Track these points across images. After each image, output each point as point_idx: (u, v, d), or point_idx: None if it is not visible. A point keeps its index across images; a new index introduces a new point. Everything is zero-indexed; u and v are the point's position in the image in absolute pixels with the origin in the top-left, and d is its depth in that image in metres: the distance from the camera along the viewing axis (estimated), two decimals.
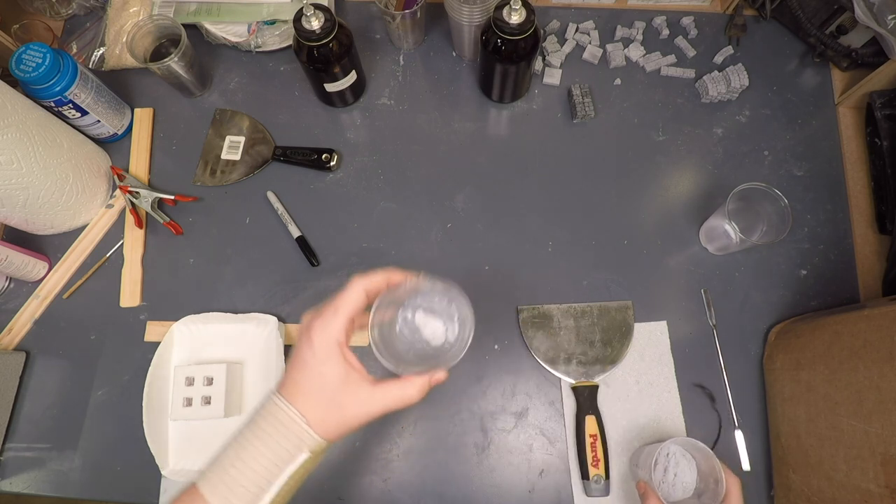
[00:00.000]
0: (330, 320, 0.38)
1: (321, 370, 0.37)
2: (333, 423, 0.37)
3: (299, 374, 0.38)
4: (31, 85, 0.61)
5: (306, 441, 0.36)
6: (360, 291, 0.39)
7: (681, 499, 0.56)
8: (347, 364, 0.38)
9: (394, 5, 0.71)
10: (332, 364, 0.37)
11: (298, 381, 0.38)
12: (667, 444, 0.54)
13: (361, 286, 0.40)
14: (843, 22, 0.70)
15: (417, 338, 0.43)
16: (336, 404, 0.37)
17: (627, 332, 0.64)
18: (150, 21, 0.69)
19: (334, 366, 0.37)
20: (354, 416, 0.38)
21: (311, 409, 0.37)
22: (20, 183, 0.59)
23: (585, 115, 0.72)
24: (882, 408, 0.45)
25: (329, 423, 0.37)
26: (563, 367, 0.63)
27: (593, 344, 0.64)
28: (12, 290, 0.68)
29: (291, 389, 0.38)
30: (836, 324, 0.54)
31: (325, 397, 0.37)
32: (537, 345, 0.64)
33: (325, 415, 0.37)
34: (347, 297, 0.39)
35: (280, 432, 0.36)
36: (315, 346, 0.37)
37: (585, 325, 0.65)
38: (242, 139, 0.73)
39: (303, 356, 0.38)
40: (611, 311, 0.65)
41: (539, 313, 0.65)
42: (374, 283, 0.40)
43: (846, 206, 0.70)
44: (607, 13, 0.79)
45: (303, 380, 0.37)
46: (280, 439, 0.36)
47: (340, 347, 0.38)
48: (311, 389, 0.37)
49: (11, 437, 0.63)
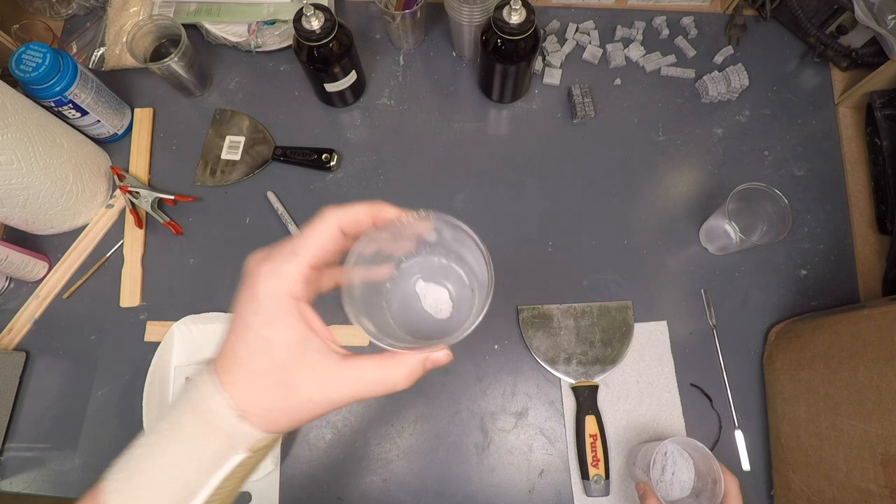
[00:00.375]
0: (283, 265, 0.27)
1: (266, 335, 0.26)
2: (281, 411, 0.27)
3: (237, 341, 0.27)
4: (31, 85, 0.61)
5: (240, 439, 0.26)
6: (331, 228, 0.28)
7: (678, 498, 0.56)
8: (306, 327, 0.27)
9: (394, 5, 0.71)
10: (284, 327, 0.26)
11: (236, 350, 0.27)
12: (665, 444, 0.54)
13: (335, 220, 0.29)
14: (843, 22, 0.70)
15: (415, 307, 0.32)
16: (286, 384, 0.26)
17: (627, 332, 0.64)
18: (150, 21, 0.69)
19: (286, 329, 0.26)
20: (312, 401, 0.27)
21: (250, 393, 0.26)
22: (20, 183, 0.59)
23: (585, 115, 0.72)
24: (882, 408, 0.45)
25: (275, 412, 0.26)
26: (563, 367, 0.63)
27: (593, 344, 0.64)
28: (12, 290, 0.68)
29: (226, 363, 0.27)
30: (836, 324, 0.54)
31: (270, 374, 0.26)
32: (537, 345, 0.64)
33: (268, 399, 0.26)
34: (312, 235, 0.28)
35: (203, 431, 0.26)
36: (260, 299, 0.26)
37: (585, 325, 0.65)
38: (242, 139, 0.73)
39: (242, 314, 0.27)
40: (611, 310, 0.65)
41: (539, 313, 0.65)
42: (353, 218, 0.29)
43: (846, 206, 0.70)
44: (607, 13, 0.79)
45: (241, 349, 0.27)
46: (204, 441, 0.26)
47: (297, 303, 0.27)
48: (252, 363, 0.26)
49: (11, 437, 0.63)
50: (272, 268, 0.27)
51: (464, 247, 0.31)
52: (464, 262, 0.33)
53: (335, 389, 0.27)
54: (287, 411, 0.27)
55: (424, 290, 0.33)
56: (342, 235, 0.29)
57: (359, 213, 0.29)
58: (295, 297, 0.27)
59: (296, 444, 0.62)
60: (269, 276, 0.27)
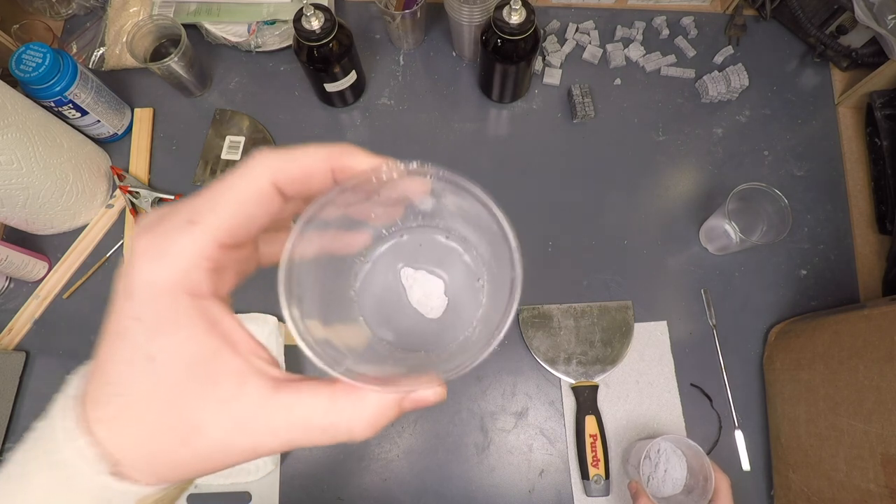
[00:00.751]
0: (174, 240, 0.17)
1: (150, 350, 0.17)
2: (175, 462, 0.18)
3: (108, 358, 0.18)
4: (31, 85, 0.61)
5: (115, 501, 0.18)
6: (260, 185, 0.18)
7: (670, 494, 0.56)
8: (215, 338, 0.18)
9: (394, 5, 0.71)
10: (177, 338, 0.17)
11: (107, 371, 0.18)
12: (658, 441, 0.55)
13: (267, 173, 0.18)
14: (843, 22, 0.70)
15: (398, 301, 0.22)
16: (183, 423, 0.17)
17: (627, 332, 0.64)
18: (150, 21, 0.69)
19: (181, 342, 0.17)
20: (224, 449, 0.18)
21: (128, 435, 0.18)
22: (20, 183, 0.59)
23: (585, 115, 0.72)
24: (882, 408, 0.45)
25: (166, 462, 0.18)
26: (563, 367, 0.63)
27: (593, 344, 0.64)
28: (12, 290, 0.68)
29: (95, 391, 0.18)
30: (836, 324, 0.54)
31: (158, 408, 0.17)
32: (537, 345, 0.64)
33: (156, 443, 0.18)
34: (228, 195, 0.18)
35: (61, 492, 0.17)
36: (135, 296, 0.17)
37: (585, 325, 0.65)
38: (242, 139, 0.73)
39: (118, 318, 0.18)
40: (611, 310, 0.65)
41: (539, 313, 0.65)
42: (300, 171, 0.19)
43: (846, 206, 0.70)
44: (607, 13, 0.79)
45: (114, 369, 0.18)
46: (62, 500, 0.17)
47: (197, 302, 0.18)
48: (131, 390, 0.17)
49: (11, 437, 0.63)
50: (155, 244, 0.17)
51: (471, 222, 0.21)
52: (468, 242, 0.23)
53: (259, 434, 0.18)
54: (184, 461, 0.18)
55: (412, 279, 0.23)
56: (280, 196, 0.19)
57: (309, 163, 0.19)
58: (193, 292, 0.17)
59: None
60: (151, 257, 0.17)
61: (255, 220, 0.19)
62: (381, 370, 0.20)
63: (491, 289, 0.22)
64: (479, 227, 0.21)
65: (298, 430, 0.18)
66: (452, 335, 0.22)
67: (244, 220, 0.18)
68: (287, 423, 0.18)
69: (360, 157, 0.20)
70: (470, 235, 0.23)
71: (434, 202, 0.22)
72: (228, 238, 0.18)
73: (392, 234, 0.24)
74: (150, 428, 0.18)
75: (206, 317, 0.18)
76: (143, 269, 0.17)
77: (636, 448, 0.57)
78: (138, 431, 0.18)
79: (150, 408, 0.17)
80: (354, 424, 0.19)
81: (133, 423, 0.18)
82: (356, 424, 0.19)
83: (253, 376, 0.18)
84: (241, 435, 0.18)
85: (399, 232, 0.24)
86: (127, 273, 0.17)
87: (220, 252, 0.18)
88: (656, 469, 0.57)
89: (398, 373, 0.20)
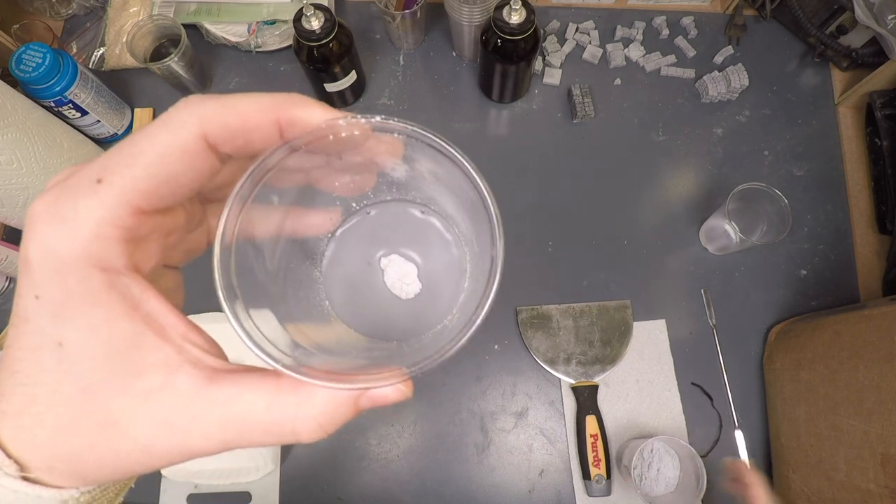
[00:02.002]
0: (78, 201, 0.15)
1: (57, 335, 0.15)
2: (95, 461, 0.15)
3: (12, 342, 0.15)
4: (31, 85, 0.61)
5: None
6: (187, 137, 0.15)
7: (662, 493, 0.57)
8: (135, 320, 0.15)
9: (394, 5, 0.71)
10: (88, 321, 0.15)
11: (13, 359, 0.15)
12: (651, 441, 0.56)
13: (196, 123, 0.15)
14: (843, 22, 0.70)
15: (371, 284, 0.20)
16: (100, 418, 0.15)
17: (626, 332, 0.64)
18: (150, 21, 0.69)
19: (94, 326, 0.15)
20: (148, 450, 0.15)
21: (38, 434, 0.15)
22: (20, 183, 0.59)
23: (585, 115, 0.72)
24: (882, 408, 0.45)
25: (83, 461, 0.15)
26: (562, 368, 0.63)
27: (592, 344, 0.64)
28: (12, 290, 0.68)
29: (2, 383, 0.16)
30: (836, 324, 0.54)
31: (70, 401, 0.15)
32: (537, 345, 0.64)
33: (69, 443, 0.15)
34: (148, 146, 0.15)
35: None
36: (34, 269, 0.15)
37: (584, 325, 0.65)
38: None
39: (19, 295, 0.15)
40: (610, 310, 0.65)
41: (538, 314, 0.65)
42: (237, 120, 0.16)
43: (846, 206, 0.70)
44: (607, 13, 0.79)
45: (19, 357, 0.15)
46: None
47: (109, 277, 0.15)
48: (38, 382, 0.15)
49: None
50: (56, 207, 0.14)
51: (452, 193, 0.19)
52: (449, 217, 0.20)
53: (188, 433, 0.15)
54: (106, 461, 0.15)
55: (385, 262, 0.20)
56: (213, 152, 0.16)
57: (249, 111, 0.16)
58: (103, 265, 0.15)
59: (296, 444, 0.62)
60: (49, 222, 0.14)
61: (181, 181, 0.15)
62: (339, 363, 0.17)
63: (474, 271, 0.19)
64: (458, 197, 0.18)
65: (234, 429, 0.16)
66: (428, 324, 0.19)
67: (166, 180, 0.15)
68: (222, 421, 0.15)
69: (314, 108, 0.16)
70: (450, 208, 0.20)
71: (408, 169, 0.19)
72: (145, 201, 0.15)
73: (361, 208, 0.21)
74: (63, 423, 0.15)
75: (125, 296, 0.15)
76: (41, 237, 0.14)
77: (629, 447, 0.57)
78: (49, 426, 0.15)
79: (61, 400, 0.15)
80: (300, 424, 0.16)
81: (43, 417, 0.15)
82: (302, 424, 0.16)
83: (184, 365, 0.16)
84: (167, 433, 0.15)
85: (369, 206, 0.21)
86: (24, 242, 0.15)
87: (137, 218, 0.15)
88: (649, 468, 0.57)
89: (359, 366, 0.17)
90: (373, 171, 0.19)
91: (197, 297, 0.71)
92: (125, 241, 0.15)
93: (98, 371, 0.15)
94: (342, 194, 0.20)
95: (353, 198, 0.20)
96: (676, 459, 0.58)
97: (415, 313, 0.20)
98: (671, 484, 0.57)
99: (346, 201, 0.21)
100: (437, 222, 0.20)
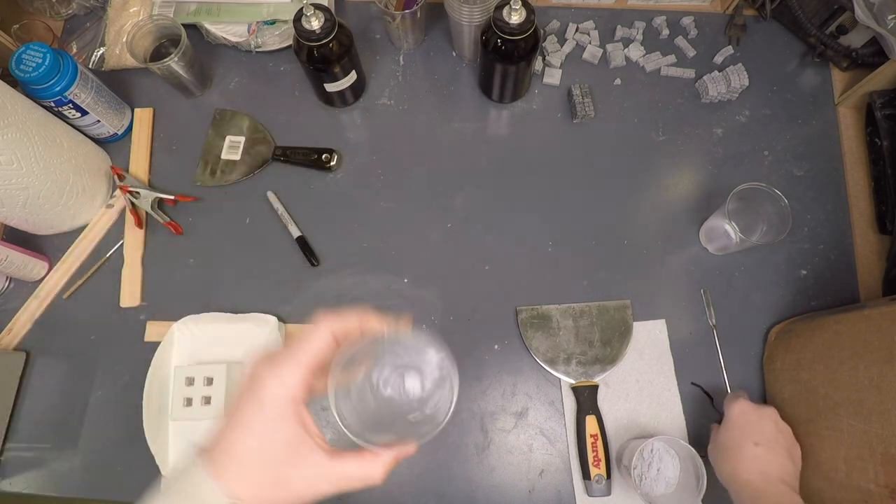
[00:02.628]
0: (286, 370, 0.30)
1: (268, 435, 0.29)
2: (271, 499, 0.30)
3: (237, 438, 0.30)
4: (31, 85, 0.61)
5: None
6: (327, 336, 0.32)
7: (663, 493, 0.57)
8: (302, 428, 0.30)
9: (394, 5, 0.71)
10: (284, 428, 0.30)
11: (235, 447, 0.30)
12: (651, 441, 0.56)
13: (329, 329, 0.32)
14: (843, 22, 0.70)
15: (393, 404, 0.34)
16: (280, 479, 0.30)
17: (626, 332, 0.64)
18: (150, 21, 0.69)
19: (286, 430, 0.30)
20: (300, 495, 0.30)
21: (245, 486, 0.29)
22: (20, 183, 0.59)
23: (585, 115, 0.72)
24: (882, 408, 0.45)
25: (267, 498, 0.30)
26: (563, 368, 0.63)
27: (592, 344, 0.64)
28: (12, 290, 0.68)
29: (223, 457, 0.29)
30: (836, 324, 0.54)
31: (267, 471, 0.29)
32: (537, 345, 0.64)
33: (262, 491, 0.30)
34: (311, 342, 0.31)
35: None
36: (265, 402, 0.30)
37: (584, 325, 0.65)
38: (242, 139, 0.73)
39: (245, 414, 0.30)
40: (609, 310, 0.65)
41: (538, 314, 0.65)
42: (345, 326, 0.32)
43: (846, 206, 0.70)
44: (607, 13, 0.79)
45: (241, 446, 0.29)
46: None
47: (296, 406, 0.30)
48: (251, 460, 0.29)
49: (11, 437, 0.63)
50: (277, 374, 0.30)
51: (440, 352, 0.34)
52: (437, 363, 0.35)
53: (322, 485, 0.30)
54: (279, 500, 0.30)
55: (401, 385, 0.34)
56: (335, 342, 0.32)
57: (349, 323, 0.33)
58: (295, 400, 0.30)
59: None
60: (275, 382, 0.30)
61: (324, 356, 0.32)
62: (387, 438, 0.33)
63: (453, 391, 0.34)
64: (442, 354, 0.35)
65: (344, 481, 0.31)
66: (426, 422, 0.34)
67: (320, 356, 0.31)
68: (337, 478, 0.31)
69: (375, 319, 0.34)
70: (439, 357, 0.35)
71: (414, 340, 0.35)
72: (314, 366, 0.31)
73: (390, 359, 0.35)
74: (260, 482, 0.29)
75: (298, 414, 0.30)
76: (270, 390, 0.30)
77: (629, 447, 0.57)
78: (251, 483, 0.29)
79: (261, 470, 0.29)
80: (375, 474, 0.32)
81: (248, 479, 0.29)
82: (376, 474, 0.32)
83: (317, 450, 0.30)
84: (311, 486, 0.30)
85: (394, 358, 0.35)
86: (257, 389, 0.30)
87: (309, 378, 0.31)
88: (649, 468, 0.57)
89: (395, 439, 0.33)
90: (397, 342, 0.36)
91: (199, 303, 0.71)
92: (304, 386, 0.31)
93: (283, 455, 0.30)
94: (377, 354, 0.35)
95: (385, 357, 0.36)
96: (676, 459, 0.58)
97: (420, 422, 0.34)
98: (671, 484, 0.57)
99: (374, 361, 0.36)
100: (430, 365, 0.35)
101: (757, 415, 0.53)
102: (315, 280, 0.68)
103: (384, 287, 0.67)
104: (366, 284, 0.67)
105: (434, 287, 0.67)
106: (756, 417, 0.53)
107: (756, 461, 0.50)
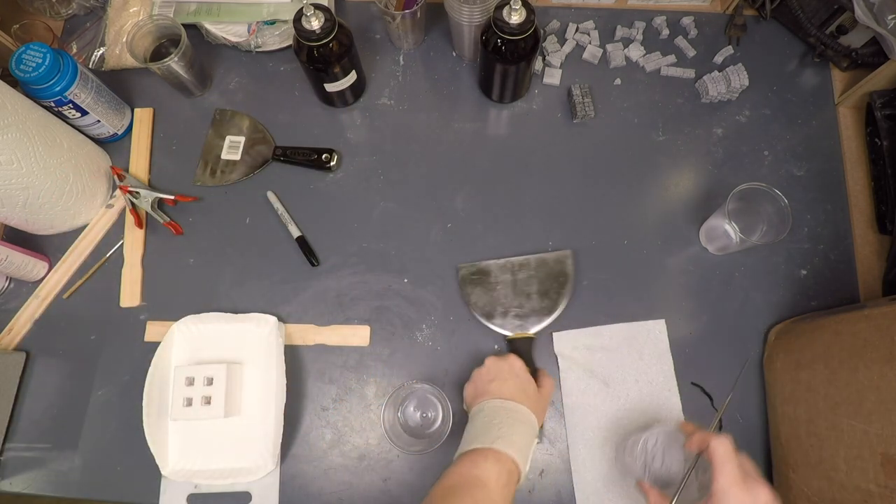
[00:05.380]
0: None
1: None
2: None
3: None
4: (31, 85, 0.61)
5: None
6: None
7: (669, 482, 0.56)
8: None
9: (394, 5, 0.71)
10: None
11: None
12: (654, 432, 0.54)
13: None
14: (843, 22, 0.70)
15: (413, 424, 0.60)
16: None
17: (565, 282, 0.65)
18: (150, 21, 0.69)
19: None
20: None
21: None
22: (20, 183, 0.59)
23: (585, 115, 0.72)
24: (882, 408, 0.45)
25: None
26: (499, 321, 0.64)
27: (530, 296, 0.65)
28: (12, 290, 0.68)
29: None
30: (836, 324, 0.54)
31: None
32: (475, 300, 0.65)
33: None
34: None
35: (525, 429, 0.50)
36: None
37: (522, 279, 0.65)
38: (242, 139, 0.73)
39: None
40: (548, 262, 0.66)
41: (477, 269, 0.66)
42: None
43: (846, 206, 0.70)
44: (607, 13, 0.79)
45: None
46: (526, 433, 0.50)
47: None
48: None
49: (11, 437, 0.63)
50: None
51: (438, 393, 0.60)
52: (438, 398, 0.61)
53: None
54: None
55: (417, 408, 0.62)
56: None
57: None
58: None
59: (296, 444, 0.62)
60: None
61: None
62: (417, 448, 0.55)
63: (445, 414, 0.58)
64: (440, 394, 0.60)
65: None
66: (437, 431, 0.57)
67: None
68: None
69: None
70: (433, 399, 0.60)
71: (422, 390, 0.62)
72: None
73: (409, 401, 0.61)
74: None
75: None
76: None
77: (632, 439, 0.57)
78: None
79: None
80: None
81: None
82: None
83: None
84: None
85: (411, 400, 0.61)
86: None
87: None
88: (654, 459, 0.57)
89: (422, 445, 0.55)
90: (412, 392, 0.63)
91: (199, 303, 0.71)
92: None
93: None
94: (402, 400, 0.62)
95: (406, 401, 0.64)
96: (681, 450, 0.57)
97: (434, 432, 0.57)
98: (676, 475, 0.56)
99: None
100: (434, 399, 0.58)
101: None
102: (315, 280, 0.68)
103: (384, 287, 0.67)
104: (366, 284, 0.68)
105: (434, 287, 0.67)
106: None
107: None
